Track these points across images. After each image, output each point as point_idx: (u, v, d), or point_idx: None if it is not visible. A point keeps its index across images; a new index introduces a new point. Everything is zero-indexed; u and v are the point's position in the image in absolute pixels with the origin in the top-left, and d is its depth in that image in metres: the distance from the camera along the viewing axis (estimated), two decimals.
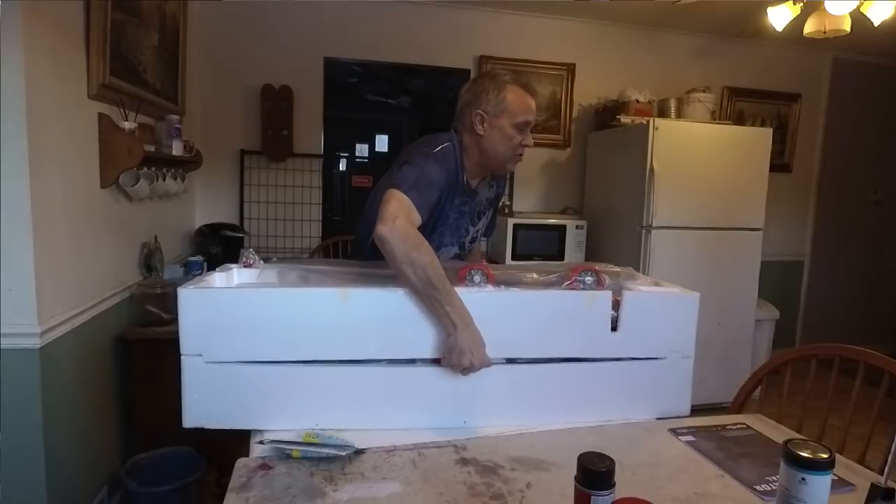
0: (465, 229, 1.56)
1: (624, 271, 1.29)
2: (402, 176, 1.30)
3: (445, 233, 1.49)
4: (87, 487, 1.90)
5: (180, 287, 1.07)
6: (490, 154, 1.45)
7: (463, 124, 1.47)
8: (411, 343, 1.12)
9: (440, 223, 1.46)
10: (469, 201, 1.53)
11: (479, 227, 1.64)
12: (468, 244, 1.61)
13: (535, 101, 1.46)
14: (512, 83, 1.42)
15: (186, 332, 1.06)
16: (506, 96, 1.41)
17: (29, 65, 1.51)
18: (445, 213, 1.45)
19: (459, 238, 1.55)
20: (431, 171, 1.34)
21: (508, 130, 1.42)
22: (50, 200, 1.64)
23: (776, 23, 2.41)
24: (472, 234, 1.60)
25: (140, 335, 2.14)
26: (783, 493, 0.75)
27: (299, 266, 1.29)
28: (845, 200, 4.29)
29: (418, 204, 1.25)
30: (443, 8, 3.45)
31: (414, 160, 1.35)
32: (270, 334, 1.07)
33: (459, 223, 1.53)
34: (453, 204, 1.47)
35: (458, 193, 1.47)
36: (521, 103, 1.42)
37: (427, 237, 1.23)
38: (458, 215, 1.51)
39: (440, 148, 1.41)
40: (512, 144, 1.44)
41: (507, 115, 1.42)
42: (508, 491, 0.91)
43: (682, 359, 1.26)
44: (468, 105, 1.45)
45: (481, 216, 1.62)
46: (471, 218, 1.57)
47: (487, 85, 1.43)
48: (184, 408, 1.07)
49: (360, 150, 6.39)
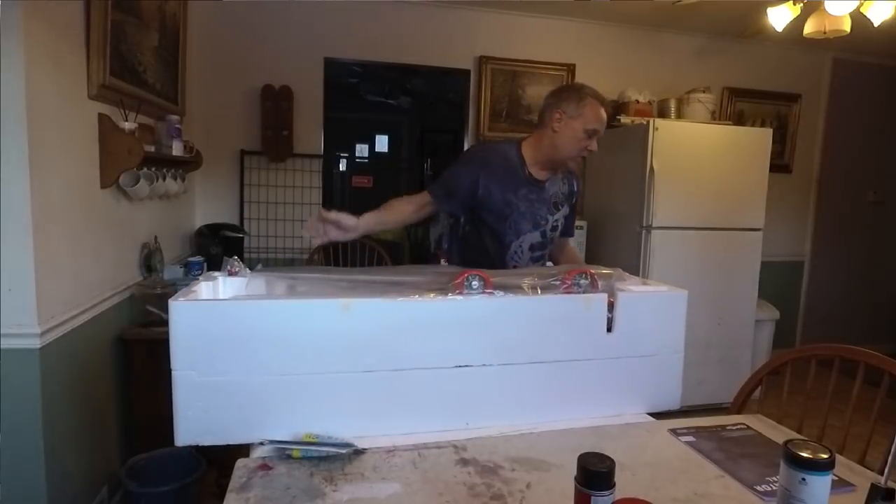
0: (542, 217, 1.76)
1: (614, 272, 1.30)
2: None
3: (520, 220, 1.72)
4: (87, 487, 1.90)
5: (172, 300, 1.01)
6: (559, 149, 1.69)
7: (542, 121, 1.72)
8: (413, 354, 1.11)
9: (512, 212, 1.70)
10: (537, 191, 1.74)
11: (560, 218, 1.82)
12: (549, 232, 1.79)
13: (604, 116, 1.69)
14: (591, 97, 1.67)
15: (179, 346, 1.00)
16: (584, 105, 1.65)
17: (29, 65, 1.51)
18: (513, 203, 1.70)
19: (538, 226, 1.76)
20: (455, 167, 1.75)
21: (580, 133, 1.66)
22: (50, 200, 1.64)
23: (776, 23, 2.41)
24: (551, 223, 1.79)
25: (140, 335, 2.14)
26: (783, 494, 0.75)
27: (287, 275, 1.27)
28: (845, 200, 4.29)
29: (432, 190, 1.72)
30: (443, 8, 3.46)
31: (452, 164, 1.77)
32: (268, 347, 1.04)
33: (533, 211, 1.73)
34: (518, 194, 1.71)
35: (522, 184, 1.71)
36: (596, 114, 1.66)
37: (503, 226, 1.70)
38: (527, 204, 1.72)
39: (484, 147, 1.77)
40: (579, 146, 1.68)
41: (581, 120, 1.65)
42: (508, 491, 0.91)
43: (673, 354, 1.28)
44: (550, 105, 1.70)
45: (559, 207, 1.80)
46: (547, 207, 1.76)
47: (570, 93, 1.69)
48: (176, 425, 1.02)
49: (360, 151, 6.40)
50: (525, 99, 3.64)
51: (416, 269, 1.33)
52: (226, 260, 1.27)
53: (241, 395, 1.04)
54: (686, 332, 1.29)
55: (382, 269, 2.00)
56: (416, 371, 1.12)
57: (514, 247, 1.73)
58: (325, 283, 1.22)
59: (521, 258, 1.75)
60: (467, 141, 3.66)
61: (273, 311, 1.05)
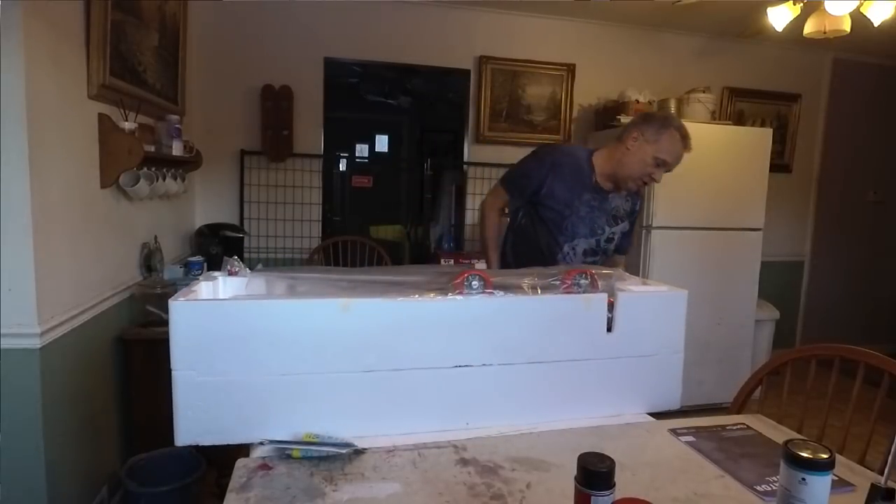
0: (600, 227, 1.79)
1: (615, 273, 1.31)
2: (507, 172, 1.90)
3: (578, 224, 1.76)
4: (87, 487, 1.90)
5: (171, 300, 1.01)
6: (624, 167, 1.71)
7: (621, 136, 1.75)
8: (413, 354, 1.11)
9: (571, 214, 1.75)
10: (601, 200, 1.78)
11: (617, 232, 1.84)
12: (603, 243, 1.82)
13: (682, 152, 1.69)
14: (675, 129, 1.67)
15: (179, 346, 1.00)
16: (664, 133, 1.67)
17: (29, 65, 1.51)
18: (574, 206, 1.74)
19: (594, 233, 1.79)
20: (527, 163, 1.83)
21: (649, 158, 1.67)
22: (50, 200, 1.64)
23: (776, 23, 2.41)
24: (608, 234, 1.81)
25: (140, 335, 2.14)
26: (783, 494, 0.75)
27: (287, 275, 1.27)
28: (845, 200, 4.29)
29: (508, 188, 1.85)
30: (443, 8, 3.46)
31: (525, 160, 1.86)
32: (268, 347, 1.04)
33: (593, 218, 1.77)
34: (583, 199, 1.75)
35: (588, 190, 1.75)
36: (672, 146, 1.67)
37: (560, 226, 1.75)
38: (588, 209, 1.76)
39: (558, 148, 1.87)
40: (644, 171, 1.69)
41: (655, 147, 1.67)
42: (508, 491, 0.91)
43: (673, 354, 1.28)
44: (634, 124, 1.74)
45: (618, 221, 1.83)
46: (607, 218, 1.80)
47: (657, 119, 1.72)
48: (176, 425, 1.02)
49: (360, 150, 6.39)
50: (525, 99, 3.64)
51: (416, 269, 1.33)
52: (226, 260, 1.26)
53: (240, 395, 1.04)
54: (686, 332, 1.29)
55: (382, 269, 2.01)
56: (416, 371, 1.12)
57: (567, 248, 1.76)
58: (325, 283, 1.22)
59: (571, 261, 1.77)
60: (467, 141, 3.66)
61: (273, 311, 1.05)
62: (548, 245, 1.78)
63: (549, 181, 1.74)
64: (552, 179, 1.74)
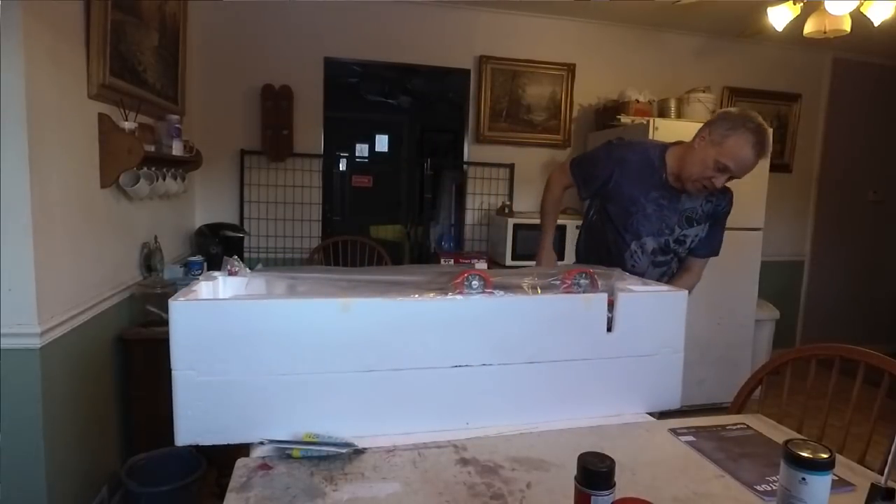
0: (668, 227, 1.67)
1: (615, 272, 1.31)
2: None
3: (644, 222, 1.67)
4: (87, 487, 1.90)
5: (171, 300, 1.01)
6: (685, 167, 1.59)
7: (695, 134, 1.61)
8: (413, 353, 1.11)
9: (637, 211, 1.67)
10: (671, 199, 1.66)
11: (691, 235, 1.70)
12: (673, 243, 1.70)
13: (757, 161, 1.52)
14: (748, 131, 1.49)
15: (179, 346, 1.00)
16: (731, 135, 1.50)
17: (29, 65, 1.51)
18: (640, 203, 1.66)
19: (662, 233, 1.68)
20: (598, 153, 1.77)
21: (710, 161, 1.53)
22: (50, 200, 1.64)
23: (776, 23, 2.40)
24: (677, 234, 1.69)
25: (140, 335, 2.14)
26: (783, 493, 0.75)
27: (287, 274, 1.27)
28: (845, 200, 4.29)
29: (573, 171, 1.80)
30: (443, 8, 3.46)
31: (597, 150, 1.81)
32: (268, 347, 1.04)
33: (661, 217, 1.67)
34: (649, 196, 1.65)
35: (657, 187, 1.65)
36: (737, 151, 1.50)
37: (625, 223, 1.68)
38: (656, 207, 1.66)
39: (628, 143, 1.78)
40: (703, 174, 1.55)
41: (718, 150, 1.52)
42: (508, 491, 0.91)
43: (673, 354, 1.28)
44: (708, 122, 1.60)
45: (692, 223, 1.69)
46: (679, 219, 1.67)
47: (729, 119, 1.54)
48: (176, 425, 1.02)
49: (360, 150, 6.39)
50: (525, 99, 3.64)
51: (416, 269, 1.33)
52: (226, 260, 1.26)
53: (240, 394, 1.04)
54: (686, 332, 1.29)
55: (382, 269, 2.00)
56: (416, 371, 1.12)
57: (635, 246, 1.70)
58: (325, 282, 1.22)
59: (639, 260, 1.71)
60: (467, 140, 3.66)
61: (273, 311, 1.05)
62: (615, 242, 1.72)
63: (615, 176, 1.67)
64: (619, 175, 1.67)
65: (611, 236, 1.74)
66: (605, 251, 1.75)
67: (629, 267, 1.69)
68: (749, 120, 1.51)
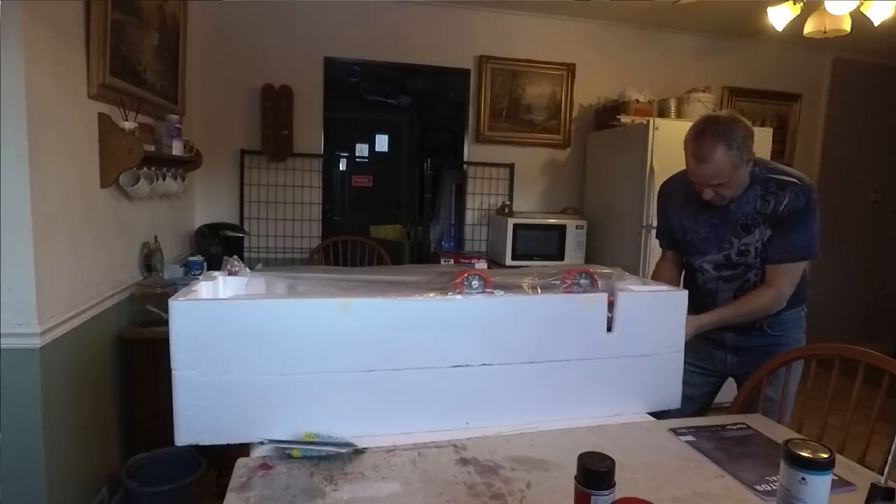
0: (727, 241, 1.61)
1: (615, 272, 1.30)
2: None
3: (701, 245, 1.66)
4: (87, 487, 1.90)
5: (172, 300, 1.01)
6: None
7: None
8: (413, 353, 1.11)
9: (693, 237, 1.67)
10: (721, 214, 1.60)
11: (752, 242, 1.57)
12: (735, 256, 1.60)
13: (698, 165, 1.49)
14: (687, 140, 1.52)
15: (179, 346, 1.00)
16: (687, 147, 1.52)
17: (29, 65, 1.51)
18: (692, 229, 1.67)
19: (721, 249, 1.62)
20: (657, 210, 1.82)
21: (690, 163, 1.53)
22: (50, 200, 1.64)
23: (776, 23, 2.41)
24: (737, 246, 1.59)
25: (140, 335, 2.14)
26: (783, 493, 0.75)
27: (287, 274, 1.27)
28: (845, 200, 4.29)
29: (661, 242, 1.83)
30: (443, 8, 3.46)
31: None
32: (268, 347, 1.04)
33: (717, 234, 1.62)
34: (699, 219, 1.64)
35: (703, 209, 1.61)
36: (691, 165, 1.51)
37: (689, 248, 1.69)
38: (709, 228, 1.63)
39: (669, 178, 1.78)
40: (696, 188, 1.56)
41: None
42: (508, 491, 0.91)
43: (673, 353, 1.28)
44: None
45: (750, 228, 1.57)
46: (734, 230, 1.59)
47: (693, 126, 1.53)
48: (176, 425, 1.02)
49: (360, 150, 6.39)
50: (525, 98, 3.64)
51: (416, 269, 1.33)
52: (226, 259, 1.26)
53: (240, 394, 1.04)
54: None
55: (382, 269, 1.99)
56: (416, 370, 1.12)
57: (704, 268, 1.67)
58: (325, 282, 1.22)
59: (711, 281, 1.67)
60: (467, 140, 3.66)
61: (273, 311, 1.05)
62: (689, 271, 1.74)
63: (668, 211, 1.74)
64: (669, 209, 1.74)
65: (687, 267, 1.76)
66: (692, 282, 1.73)
67: (706, 291, 1.68)
68: (694, 126, 1.51)
